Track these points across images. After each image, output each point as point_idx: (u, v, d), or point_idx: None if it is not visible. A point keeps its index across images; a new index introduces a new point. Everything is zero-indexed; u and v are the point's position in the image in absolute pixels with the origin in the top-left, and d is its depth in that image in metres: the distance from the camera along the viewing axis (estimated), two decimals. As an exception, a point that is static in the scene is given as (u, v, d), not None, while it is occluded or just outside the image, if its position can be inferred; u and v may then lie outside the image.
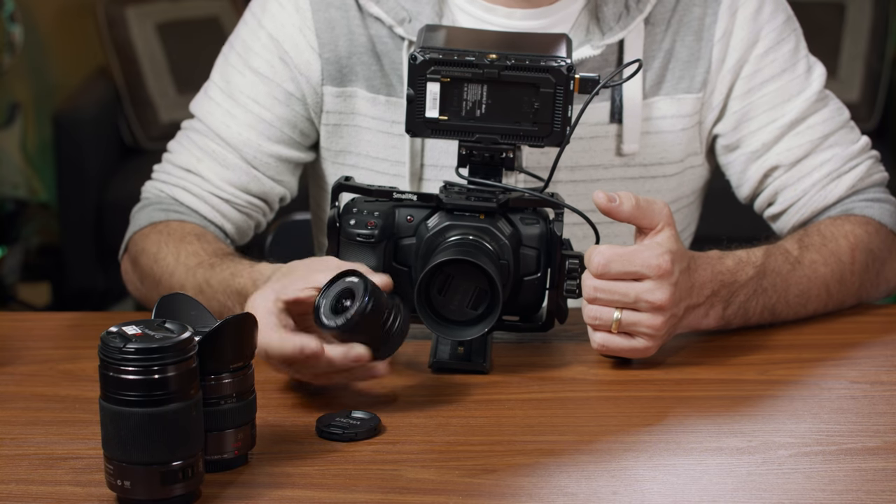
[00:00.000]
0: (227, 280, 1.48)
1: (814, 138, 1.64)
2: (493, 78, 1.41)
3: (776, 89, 1.64)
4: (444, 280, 1.38)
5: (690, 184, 1.71)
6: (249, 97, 1.64)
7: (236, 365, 1.18)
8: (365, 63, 1.63)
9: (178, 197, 1.65)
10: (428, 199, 1.44)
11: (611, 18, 1.61)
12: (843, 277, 1.57)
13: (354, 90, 1.64)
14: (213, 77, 1.69)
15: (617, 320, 1.39)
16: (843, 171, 1.64)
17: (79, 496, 1.17)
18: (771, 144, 1.64)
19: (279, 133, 1.65)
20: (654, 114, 1.64)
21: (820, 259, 1.55)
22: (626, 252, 1.38)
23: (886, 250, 1.63)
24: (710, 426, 1.31)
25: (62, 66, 4.37)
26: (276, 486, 1.18)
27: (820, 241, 1.57)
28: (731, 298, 1.47)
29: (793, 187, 1.64)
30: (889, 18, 4.15)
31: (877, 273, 1.61)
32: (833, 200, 1.64)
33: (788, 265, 1.52)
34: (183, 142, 1.68)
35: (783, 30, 1.66)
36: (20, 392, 1.40)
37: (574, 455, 1.25)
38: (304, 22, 1.63)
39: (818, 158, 1.64)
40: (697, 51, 1.64)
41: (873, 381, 1.41)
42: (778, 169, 1.65)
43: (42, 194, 4.05)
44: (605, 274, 1.38)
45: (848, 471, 1.21)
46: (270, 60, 1.64)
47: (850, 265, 1.57)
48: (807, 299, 1.54)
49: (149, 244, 1.60)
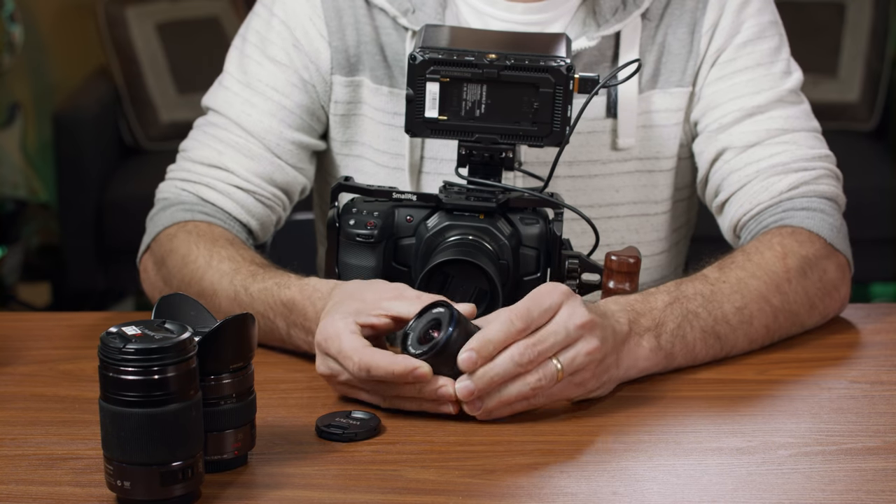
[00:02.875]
0: (272, 290, 1.45)
1: (771, 128, 1.61)
2: (493, 78, 1.41)
3: (748, 80, 1.63)
4: (443, 280, 1.38)
5: (685, 177, 1.71)
6: (268, 85, 1.64)
7: (236, 365, 1.18)
8: (370, 53, 1.64)
9: (201, 194, 1.62)
10: (427, 199, 1.44)
11: (607, 11, 1.62)
12: (780, 287, 1.47)
13: (361, 80, 1.65)
14: (227, 69, 1.68)
15: (559, 368, 1.27)
16: (791, 168, 1.59)
17: (79, 496, 1.17)
18: (727, 126, 1.62)
19: (299, 120, 1.65)
20: (650, 108, 1.64)
21: (746, 274, 1.46)
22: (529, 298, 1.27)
23: (823, 259, 1.53)
24: (709, 426, 1.31)
25: (62, 66, 4.37)
26: (275, 487, 1.18)
27: (743, 258, 1.48)
28: (659, 328, 1.38)
29: (738, 172, 1.60)
30: (889, 18, 4.15)
31: (820, 279, 1.52)
32: (771, 196, 1.58)
33: (709, 285, 1.44)
34: (200, 138, 1.66)
35: (767, 28, 1.65)
36: (20, 392, 1.40)
37: (574, 455, 1.25)
38: (313, 11, 1.64)
39: (771, 149, 1.60)
40: (689, 44, 1.64)
41: (873, 381, 1.41)
42: (728, 151, 1.61)
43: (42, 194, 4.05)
44: (531, 325, 1.26)
45: (848, 471, 1.21)
46: (285, 48, 1.65)
47: (785, 273, 1.48)
48: (749, 315, 1.44)
49: (178, 244, 1.57)
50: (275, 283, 1.46)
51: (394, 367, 1.27)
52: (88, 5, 4.25)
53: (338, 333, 1.31)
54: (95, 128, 4.01)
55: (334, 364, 1.32)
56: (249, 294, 1.47)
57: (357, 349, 1.28)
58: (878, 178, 3.79)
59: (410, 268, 1.45)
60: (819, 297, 1.52)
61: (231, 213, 1.62)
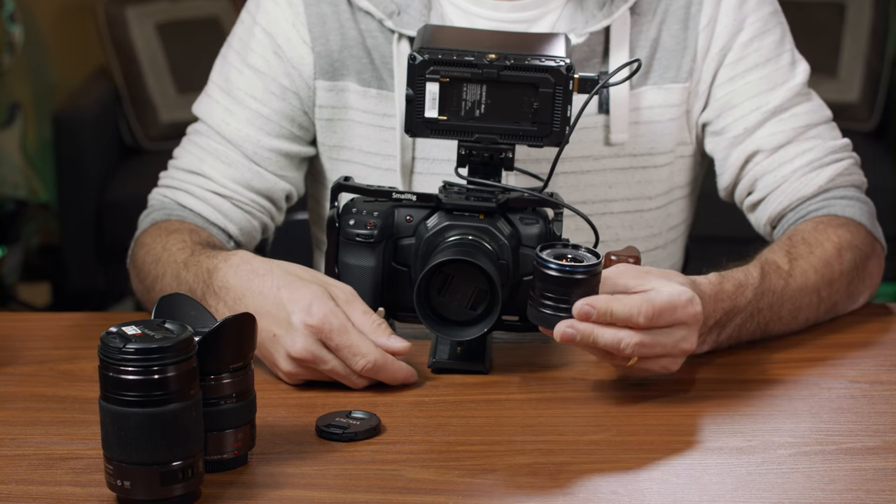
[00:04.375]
0: (202, 261, 1.47)
1: (797, 126, 1.64)
2: (493, 78, 1.41)
3: (760, 77, 1.65)
4: (443, 280, 1.38)
5: (682, 175, 1.71)
6: (247, 93, 1.65)
7: (236, 365, 1.18)
8: (356, 57, 1.64)
9: (179, 200, 1.65)
10: (427, 199, 1.44)
11: (594, 6, 1.62)
12: (833, 280, 1.54)
13: (346, 84, 1.65)
14: (212, 77, 1.70)
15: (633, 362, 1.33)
16: (824, 161, 1.64)
17: (79, 496, 1.17)
18: (753, 129, 1.64)
19: (278, 127, 1.65)
20: (643, 104, 1.65)
21: (810, 268, 1.52)
22: (666, 303, 1.31)
23: (868, 248, 1.61)
24: (710, 426, 1.31)
25: (62, 66, 4.37)
26: (275, 486, 1.18)
27: (807, 250, 1.54)
28: (728, 323, 1.44)
29: (773, 173, 1.64)
30: (889, 18, 4.15)
31: (862, 268, 1.60)
32: (812, 191, 1.63)
33: (782, 281, 1.50)
34: (186, 146, 1.69)
35: (768, 21, 1.66)
36: (20, 392, 1.40)
37: (574, 455, 1.25)
38: (296, 17, 1.64)
39: (800, 146, 1.64)
40: (683, 40, 1.64)
41: (873, 381, 1.41)
42: (759, 154, 1.64)
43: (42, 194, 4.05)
44: (650, 325, 1.30)
45: (848, 470, 1.21)
46: (265, 55, 1.65)
47: (839, 266, 1.55)
48: (798, 311, 1.52)
49: (147, 239, 1.61)
50: (209, 255, 1.48)
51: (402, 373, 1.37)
52: (88, 5, 4.24)
53: (344, 326, 1.33)
54: (95, 128, 4.01)
55: (325, 352, 1.34)
56: (186, 267, 1.49)
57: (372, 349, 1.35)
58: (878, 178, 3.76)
59: (410, 268, 1.45)
60: (858, 290, 1.60)
61: (208, 218, 1.64)
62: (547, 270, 1.29)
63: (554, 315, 1.30)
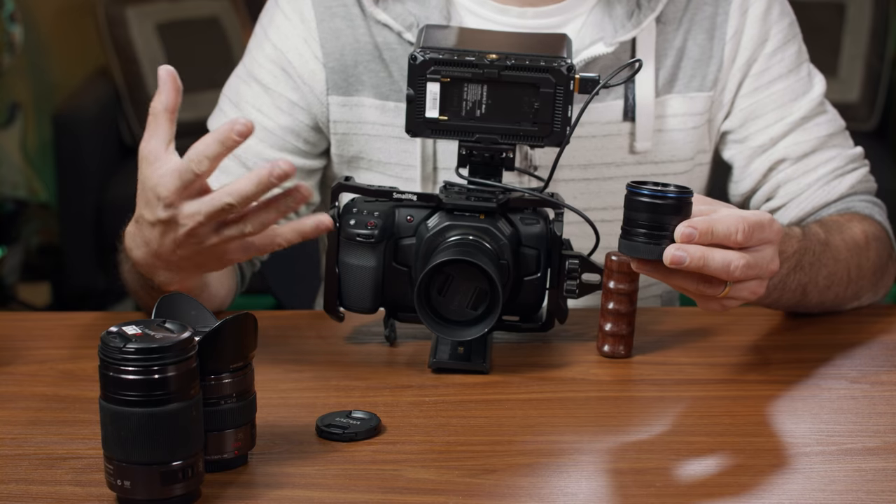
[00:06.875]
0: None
1: (820, 136, 1.67)
2: (493, 78, 1.41)
3: (784, 88, 1.67)
4: (443, 280, 1.38)
5: (698, 181, 1.72)
6: (253, 107, 1.66)
7: (236, 365, 1.18)
8: (372, 70, 1.63)
9: None
10: (428, 199, 1.44)
11: (623, 16, 1.62)
12: (861, 264, 1.58)
13: (360, 99, 1.64)
14: (224, 91, 1.71)
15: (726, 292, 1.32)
16: (846, 170, 1.68)
17: (79, 496, 1.17)
18: (778, 139, 1.67)
19: (281, 141, 1.65)
20: (667, 112, 1.65)
21: (842, 245, 1.56)
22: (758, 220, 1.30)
23: (890, 248, 1.66)
24: (709, 426, 1.31)
25: (62, 66, 4.37)
26: (276, 486, 1.18)
27: (837, 228, 1.58)
28: (782, 264, 1.44)
29: (797, 181, 1.66)
30: (889, 18, 4.15)
31: (885, 264, 1.63)
32: (835, 197, 1.66)
33: (820, 245, 1.53)
34: None
35: (789, 32, 1.69)
36: (20, 392, 1.40)
37: (574, 455, 1.25)
38: (308, 32, 1.64)
39: (824, 155, 1.67)
40: (709, 49, 1.65)
41: (873, 381, 1.41)
42: (784, 162, 1.67)
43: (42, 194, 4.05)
44: (749, 243, 1.30)
45: (848, 471, 1.21)
46: (273, 71, 1.65)
47: (866, 251, 1.59)
48: (831, 282, 1.54)
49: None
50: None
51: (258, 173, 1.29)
52: (88, 5, 4.24)
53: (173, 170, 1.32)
54: (95, 128, 4.01)
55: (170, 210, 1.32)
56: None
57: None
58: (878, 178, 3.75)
59: (411, 268, 1.45)
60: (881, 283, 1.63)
61: None
62: (641, 198, 1.28)
63: (648, 243, 1.29)
